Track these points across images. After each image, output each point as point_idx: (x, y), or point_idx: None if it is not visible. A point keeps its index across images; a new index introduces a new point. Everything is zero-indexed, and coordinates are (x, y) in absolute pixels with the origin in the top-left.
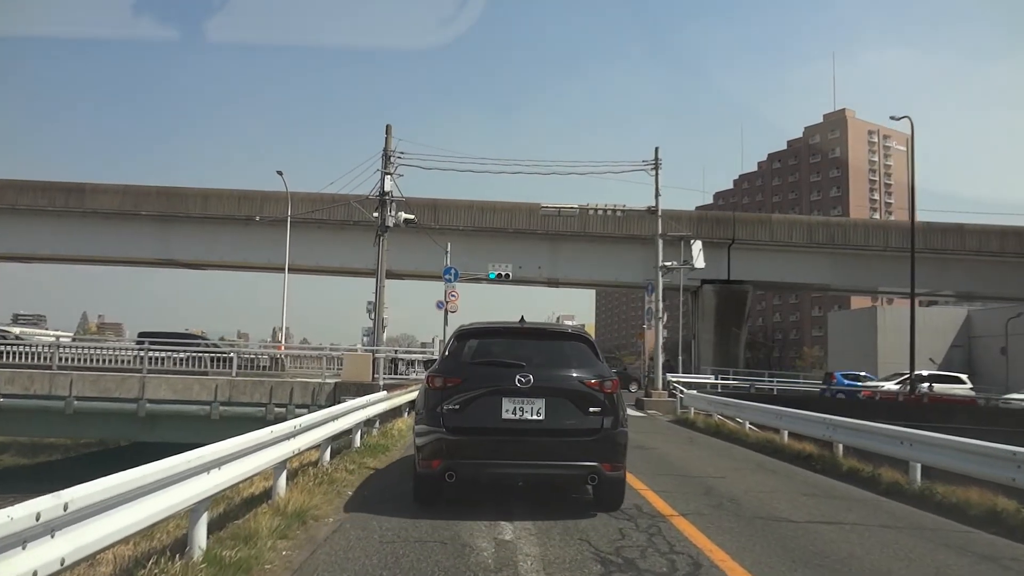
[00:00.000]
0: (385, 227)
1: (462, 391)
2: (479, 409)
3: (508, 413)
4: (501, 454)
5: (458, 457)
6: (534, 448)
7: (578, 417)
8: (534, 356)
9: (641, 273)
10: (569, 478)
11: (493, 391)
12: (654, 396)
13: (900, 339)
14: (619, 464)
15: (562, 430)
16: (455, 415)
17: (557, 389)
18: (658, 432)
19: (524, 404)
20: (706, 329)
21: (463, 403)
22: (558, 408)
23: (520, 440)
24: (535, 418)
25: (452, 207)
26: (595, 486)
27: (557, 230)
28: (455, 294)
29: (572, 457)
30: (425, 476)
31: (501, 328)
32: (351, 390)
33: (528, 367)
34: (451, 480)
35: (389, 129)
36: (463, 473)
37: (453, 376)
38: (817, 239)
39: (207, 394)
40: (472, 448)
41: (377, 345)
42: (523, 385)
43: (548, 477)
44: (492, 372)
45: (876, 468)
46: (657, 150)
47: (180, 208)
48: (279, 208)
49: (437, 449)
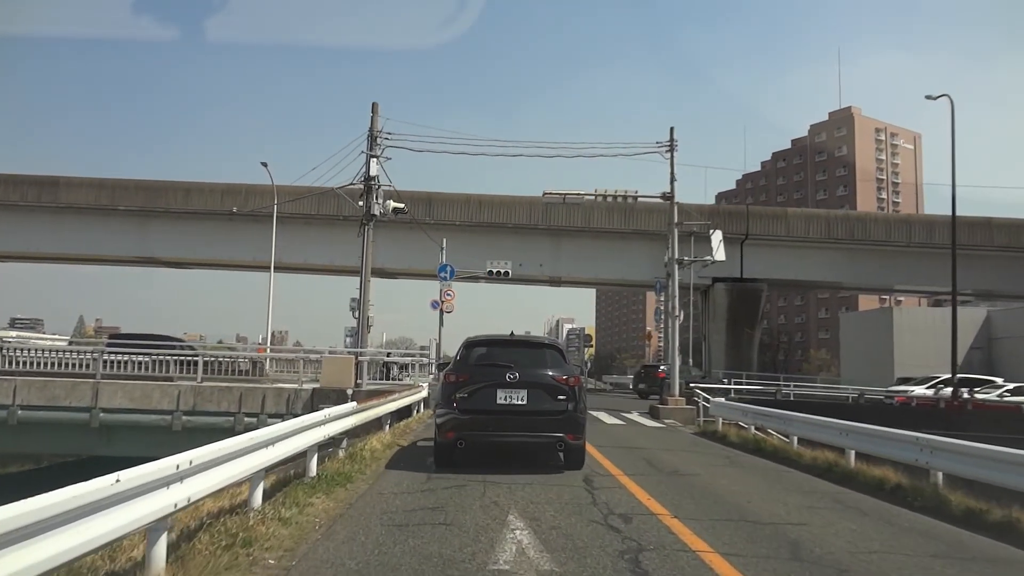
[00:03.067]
0: (371, 215)
1: (469, 384)
2: (481, 396)
3: (501, 399)
4: (496, 428)
5: (466, 430)
6: (519, 424)
7: (550, 402)
8: (520, 360)
9: (650, 271)
10: (544, 445)
11: (491, 384)
12: (670, 403)
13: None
14: (579, 436)
15: (539, 411)
16: (464, 400)
17: (536, 383)
18: (687, 450)
19: (512, 393)
20: (717, 330)
21: (470, 392)
22: (536, 396)
23: (510, 418)
24: (520, 403)
25: (448, 201)
26: (563, 451)
27: (560, 225)
28: (451, 293)
29: (546, 430)
30: (443, 443)
31: (497, 339)
32: (330, 397)
33: (515, 367)
34: (461, 446)
35: (375, 107)
36: (470, 441)
37: (463, 374)
38: (836, 234)
39: (168, 402)
40: (476, 423)
41: (361, 346)
42: (512, 380)
43: (529, 444)
44: (490, 371)
45: (1007, 510)
46: (672, 131)
47: (160, 202)
48: (265, 202)
49: (452, 425)
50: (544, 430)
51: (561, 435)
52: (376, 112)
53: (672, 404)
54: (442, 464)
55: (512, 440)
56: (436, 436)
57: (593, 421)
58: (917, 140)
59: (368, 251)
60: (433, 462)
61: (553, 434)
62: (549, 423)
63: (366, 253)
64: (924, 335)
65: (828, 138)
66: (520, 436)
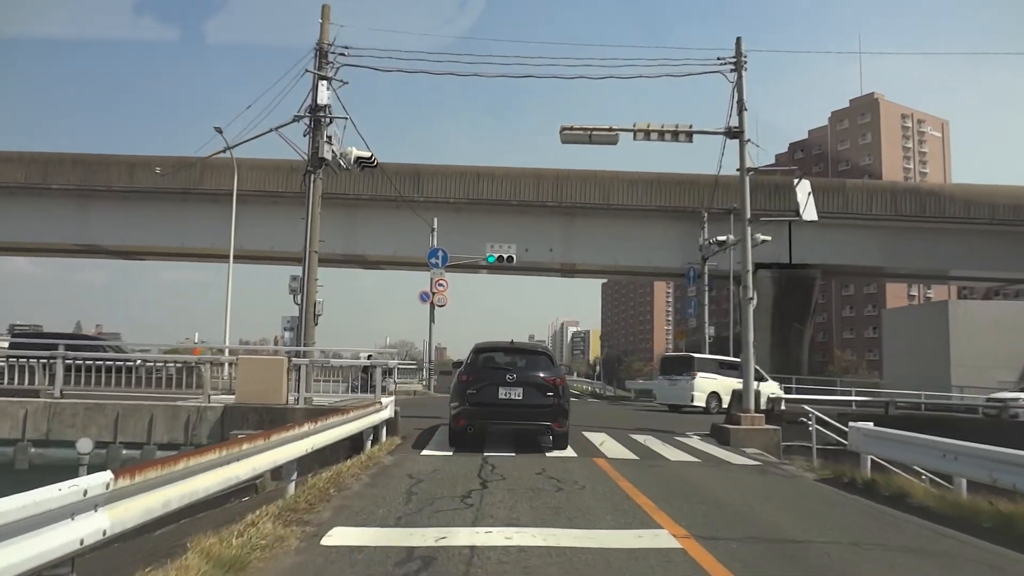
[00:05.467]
0: (319, 160)
1: (477, 383)
2: (486, 393)
3: (502, 395)
4: (498, 417)
5: (474, 419)
6: (516, 414)
7: (541, 398)
8: (517, 363)
9: (680, 256)
10: (536, 430)
11: (494, 383)
12: (744, 423)
13: (980, 339)
14: (563, 423)
15: (531, 404)
16: (473, 396)
17: (529, 382)
18: (885, 543)
19: (511, 390)
20: (761, 326)
21: (477, 389)
22: (530, 392)
23: (508, 410)
24: (517, 398)
25: (439, 174)
26: (551, 436)
27: (573, 202)
28: (443, 283)
29: (537, 419)
30: (456, 429)
31: (499, 346)
32: (248, 419)
33: (513, 370)
34: (471, 431)
35: (326, 11)
36: (477, 427)
37: (472, 374)
38: (903, 210)
39: (12, 428)
40: (482, 414)
41: (305, 343)
42: (511, 380)
43: (524, 429)
44: (493, 372)
45: None
46: (739, 41)
47: (102, 180)
48: (224, 180)
49: (463, 415)
50: (536, 419)
51: (549, 423)
52: (327, 18)
53: (747, 423)
54: (455, 445)
55: (510, 426)
56: (450, 424)
57: (649, 456)
58: (945, 127)
59: (314, 209)
60: (448, 442)
61: (542, 422)
62: (540, 414)
63: (311, 211)
64: (987, 332)
65: (851, 125)
66: (516, 423)
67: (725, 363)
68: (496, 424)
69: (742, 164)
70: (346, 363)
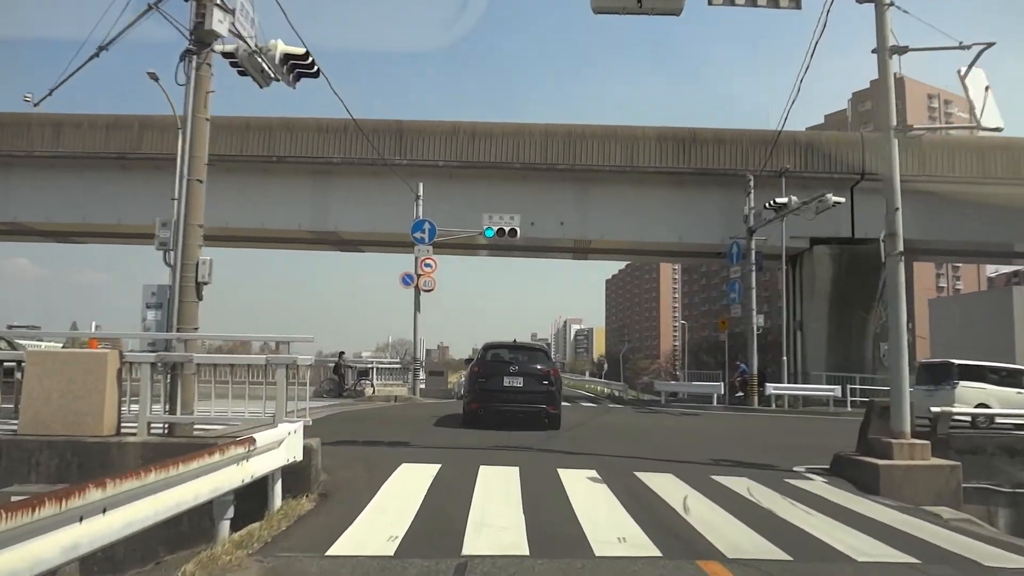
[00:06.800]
0: (208, 34)
1: (485, 374)
2: (493, 382)
3: (506, 383)
4: (503, 400)
5: (484, 402)
6: (518, 398)
7: (538, 385)
8: (519, 357)
9: (720, 230)
10: (534, 413)
11: (499, 374)
12: (897, 458)
13: None
14: (556, 408)
15: (530, 391)
16: (482, 384)
17: (529, 373)
18: None
19: (514, 380)
20: (816, 314)
21: (486, 378)
22: (529, 381)
23: (512, 395)
24: (519, 386)
25: (425, 131)
26: (546, 417)
27: (589, 164)
28: (431, 263)
29: (535, 403)
30: (469, 411)
31: (504, 344)
32: (41, 465)
33: (516, 363)
34: (481, 413)
35: None
36: (487, 409)
37: (481, 367)
38: (992, 172)
39: None
40: (490, 398)
41: (180, 326)
42: (513, 371)
43: (523, 412)
44: (499, 365)
45: None
46: None
47: (21, 143)
48: (167, 143)
49: (476, 399)
50: (534, 403)
51: (544, 406)
52: None
53: (903, 458)
54: (468, 423)
55: (512, 409)
56: (464, 407)
57: (798, 544)
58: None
59: (199, 112)
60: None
61: (539, 405)
62: (537, 398)
63: (191, 116)
64: None
65: (874, 107)
66: (518, 406)
67: (993, 369)
68: (501, 407)
69: (881, 40)
70: (239, 360)
